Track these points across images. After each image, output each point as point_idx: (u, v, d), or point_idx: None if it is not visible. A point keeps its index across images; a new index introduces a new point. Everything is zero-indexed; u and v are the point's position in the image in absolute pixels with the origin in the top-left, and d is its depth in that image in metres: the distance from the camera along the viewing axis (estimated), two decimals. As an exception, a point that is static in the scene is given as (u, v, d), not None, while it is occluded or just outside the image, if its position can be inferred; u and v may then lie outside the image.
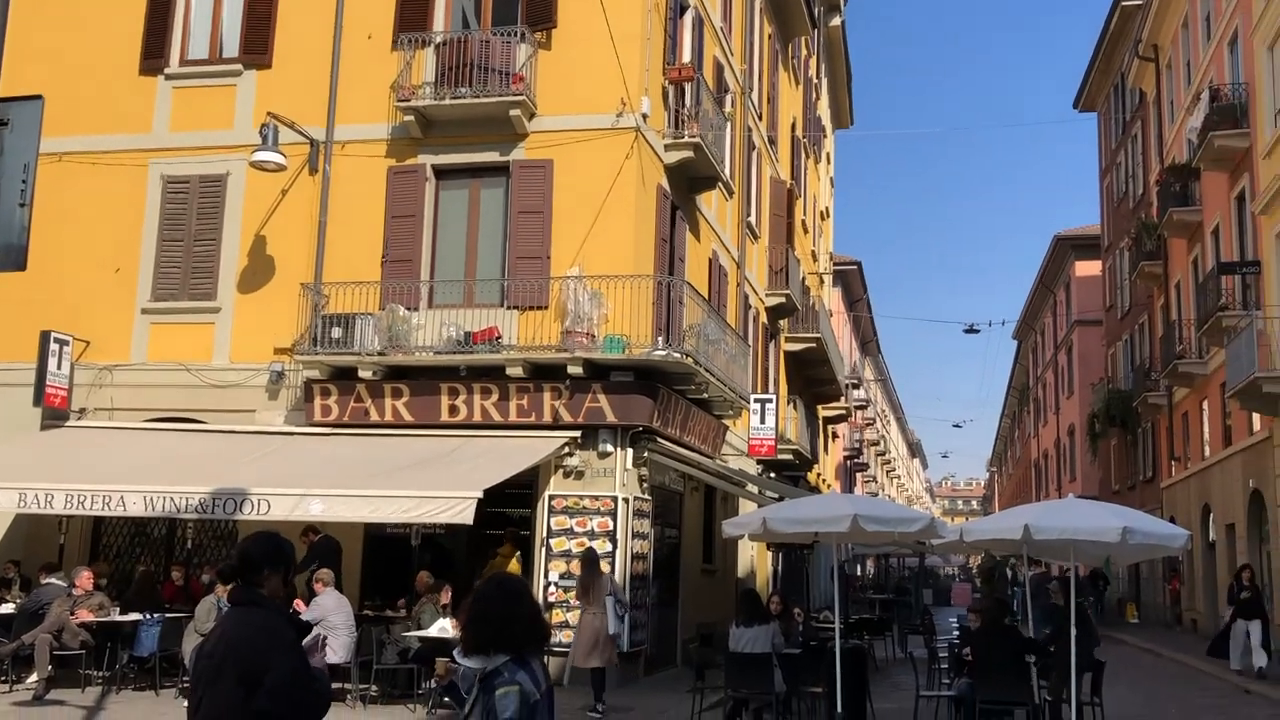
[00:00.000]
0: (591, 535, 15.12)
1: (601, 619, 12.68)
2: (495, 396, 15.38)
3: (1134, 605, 34.43)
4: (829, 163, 39.90)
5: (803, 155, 30.95)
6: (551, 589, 14.95)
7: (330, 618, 12.07)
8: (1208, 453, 26.85)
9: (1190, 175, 26.55)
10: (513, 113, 15.71)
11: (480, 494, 12.73)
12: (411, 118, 16.07)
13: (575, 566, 14.30)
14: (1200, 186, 26.35)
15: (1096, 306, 42.60)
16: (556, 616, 14.78)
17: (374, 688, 12.92)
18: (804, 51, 31.69)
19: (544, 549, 15.27)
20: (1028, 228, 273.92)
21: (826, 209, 38.37)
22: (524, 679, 3.62)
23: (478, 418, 15.42)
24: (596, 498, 15.23)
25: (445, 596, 13.30)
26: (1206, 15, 26.47)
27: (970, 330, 39.82)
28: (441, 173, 16.58)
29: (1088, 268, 44.46)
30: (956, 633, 17.48)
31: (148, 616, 13.62)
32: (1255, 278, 21.88)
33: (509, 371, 15.15)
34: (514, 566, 14.83)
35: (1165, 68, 30.80)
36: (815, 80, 34.58)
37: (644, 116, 15.88)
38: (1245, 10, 22.56)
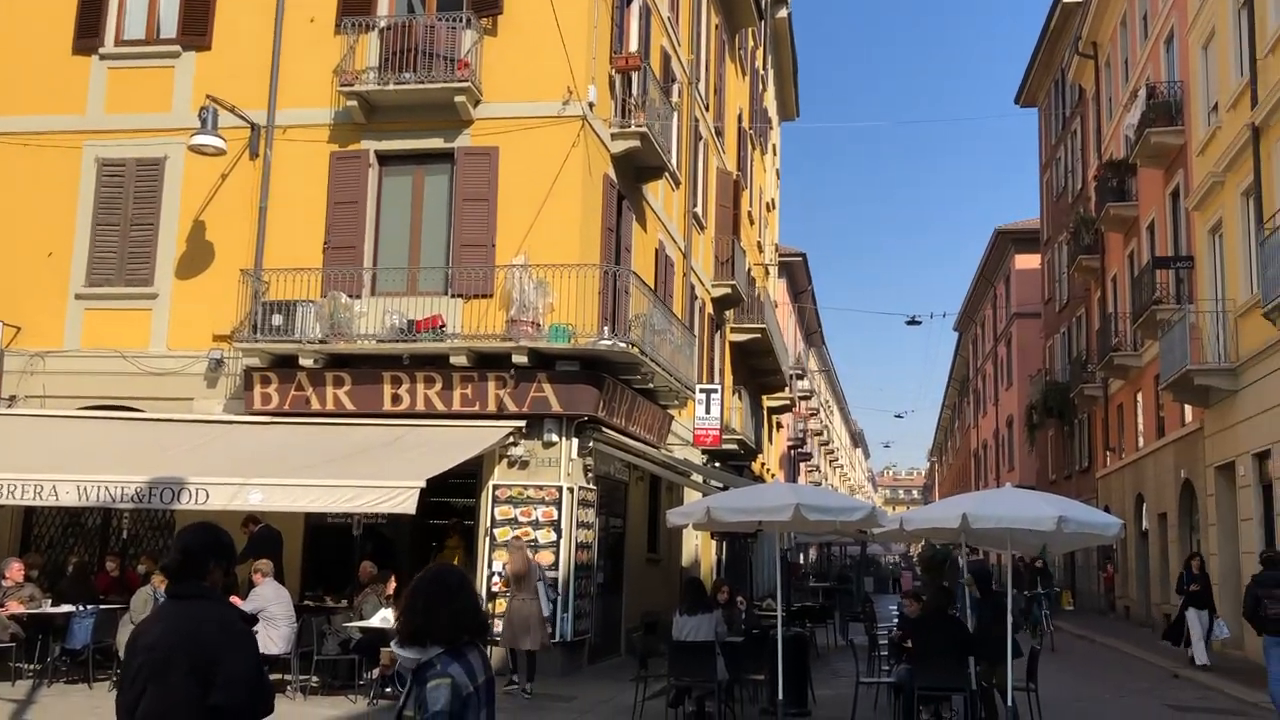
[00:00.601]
0: (536, 525, 15.10)
1: (532, 604, 13.16)
2: (439, 386, 15.27)
3: (1070, 593, 35.13)
4: (775, 154, 40.10)
5: (749, 146, 31.07)
6: (495, 579, 14.90)
7: (269, 608, 11.94)
8: (1141, 443, 27.46)
9: (1127, 171, 27.06)
10: (457, 99, 15.58)
11: (423, 484, 12.64)
12: (355, 103, 15.87)
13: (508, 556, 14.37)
14: (1137, 182, 26.88)
15: (1035, 299, 43.33)
16: (500, 607, 14.74)
17: (314, 678, 12.81)
18: (751, 43, 31.80)
19: (488, 539, 15.21)
20: (971, 221, 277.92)
21: (772, 200, 38.57)
22: (456, 671, 3.60)
23: (421, 407, 15.31)
24: (541, 487, 15.20)
25: (389, 587, 13.21)
26: (1144, 14, 26.97)
27: (912, 322, 40.43)
28: (385, 159, 16.41)
29: (1027, 261, 45.18)
30: (896, 620, 17.71)
31: (81, 608, 13.36)
32: (1188, 272, 22.37)
33: (453, 360, 15.05)
34: (460, 558, 14.79)
35: (1104, 65, 31.35)
36: (762, 72, 34.71)
37: (590, 105, 15.84)
38: (1181, 10, 23.03)
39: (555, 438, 15.26)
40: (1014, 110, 45.31)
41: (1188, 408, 22.46)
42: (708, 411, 22.04)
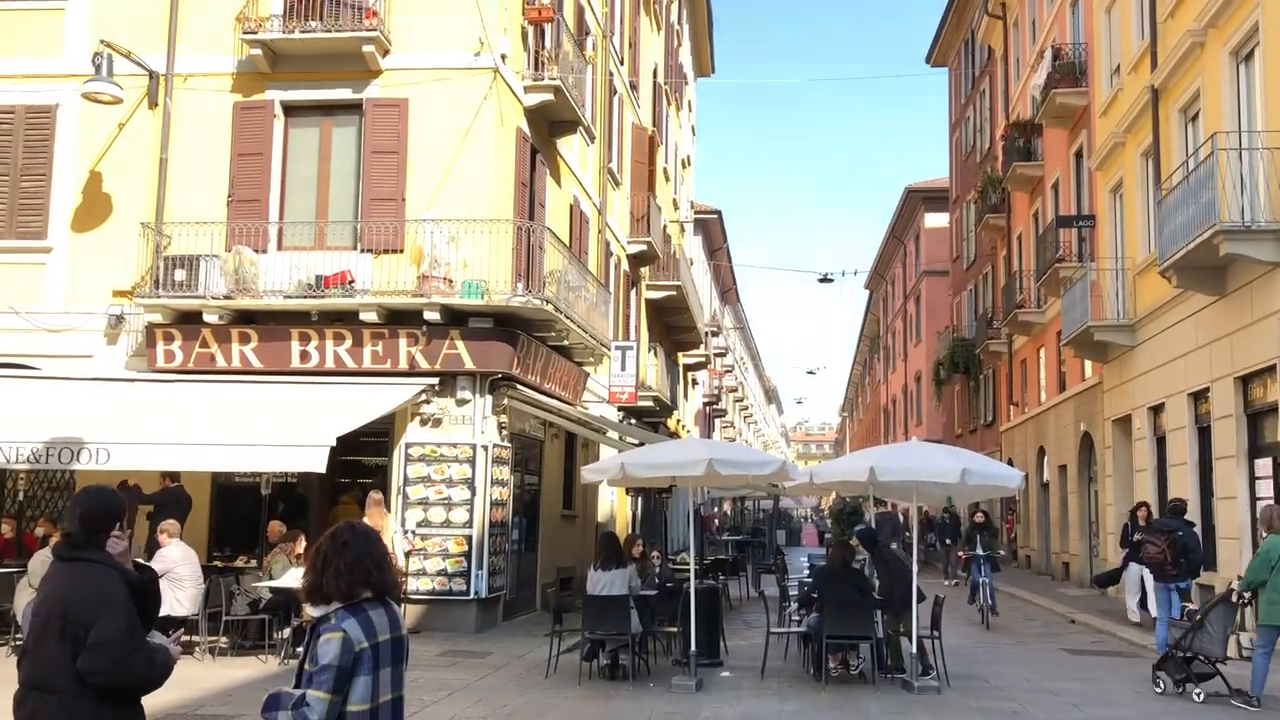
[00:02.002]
0: (450, 483, 15.03)
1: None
2: (349, 342, 15.03)
3: (957, 536, 36.21)
4: (690, 110, 40.01)
5: (664, 102, 30.94)
6: (409, 536, 14.80)
7: (176, 569, 11.71)
8: (1044, 398, 28.29)
9: (1033, 131, 27.62)
10: (366, 49, 15.21)
11: (333, 442, 12.48)
12: (259, 52, 15.39)
13: (429, 513, 14.28)
14: (1042, 142, 27.45)
15: (944, 257, 44.15)
16: (413, 564, 14.69)
17: (223, 639, 12.62)
18: (666, -3, 31.57)
19: (401, 497, 15.10)
20: (884, 179, 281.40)
21: (688, 157, 38.53)
22: (351, 626, 3.57)
23: (331, 364, 15.07)
24: (455, 445, 15.12)
25: (299, 546, 13.04)
26: (1051, -24, 27.43)
27: (824, 280, 40.79)
28: (291, 110, 15.97)
29: (937, 219, 45.97)
30: (807, 571, 18.09)
31: (-25, 572, 12.93)
32: (1090, 231, 23.00)
33: (363, 317, 14.82)
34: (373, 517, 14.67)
35: (1013, 25, 31.85)
36: (677, 27, 34.52)
37: (503, 57, 15.59)
38: (1086, -27, 23.47)
39: (469, 395, 15.16)
40: (926, 69, 45.83)
41: (1088, 363, 23.18)
42: (623, 369, 22.08)
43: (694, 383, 42.40)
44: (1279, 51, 13.79)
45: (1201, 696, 10.46)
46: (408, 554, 14.56)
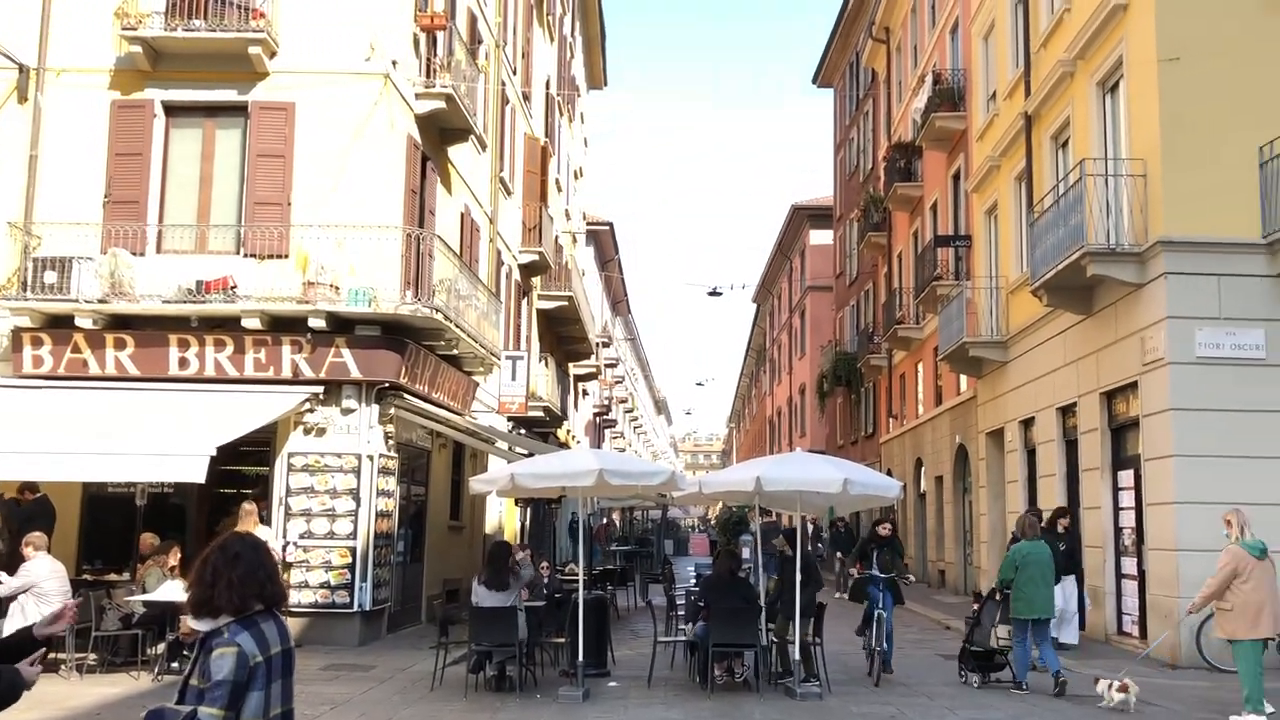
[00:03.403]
0: (334, 494, 14.78)
1: None
2: (230, 349, 14.66)
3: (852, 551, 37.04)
4: (583, 122, 40.14)
5: (557, 113, 30.99)
6: (290, 549, 14.50)
7: (42, 584, 11.22)
8: (921, 411, 29.18)
9: (914, 153, 28.54)
10: (252, 50, 14.89)
11: (213, 451, 12.15)
12: (138, 49, 14.93)
13: (312, 525, 14.01)
14: (922, 164, 28.38)
15: (828, 273, 45.18)
16: (295, 576, 14.39)
17: (93, 656, 12.15)
18: (559, 9, 31.65)
19: (283, 508, 14.78)
20: (772, 196, 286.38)
21: (580, 168, 38.64)
22: (245, 640, 3.52)
23: (211, 371, 14.67)
24: (339, 455, 14.87)
25: (173, 558, 12.65)
26: (932, 3, 28.41)
27: (714, 293, 41.43)
28: (172, 110, 15.52)
29: (821, 236, 47.02)
30: (694, 581, 18.27)
31: None
32: (967, 251, 23.86)
33: (245, 323, 14.48)
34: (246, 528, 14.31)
35: (895, 50, 32.86)
36: (570, 39, 34.63)
37: (394, 63, 15.44)
38: (965, 1, 24.38)
39: (354, 404, 14.94)
40: (814, 89, 46.86)
41: (963, 377, 24.01)
42: (513, 378, 22.02)
43: (584, 393, 42.46)
44: (1142, 83, 14.57)
45: (977, 683, 11.96)
46: (289, 565, 14.29)
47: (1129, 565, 15.31)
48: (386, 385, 15.15)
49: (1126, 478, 15.44)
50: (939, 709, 10.71)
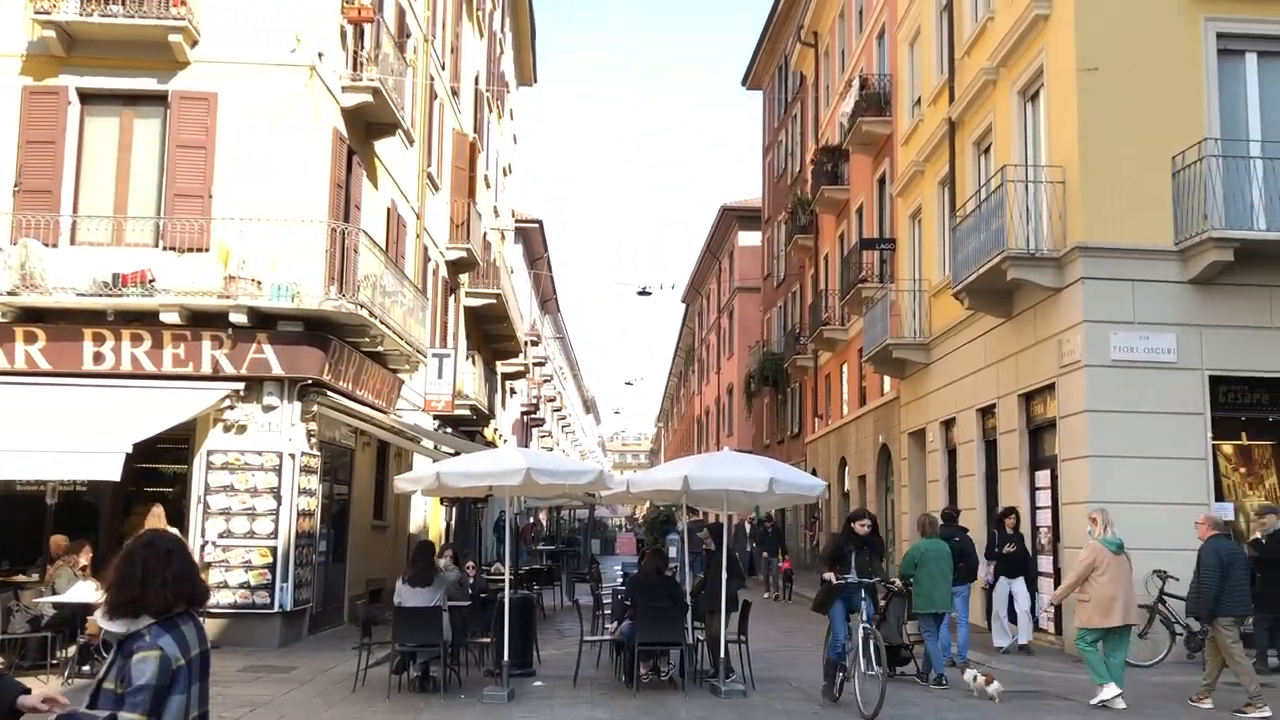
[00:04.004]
0: (254, 492, 14.51)
1: None
2: (148, 344, 14.30)
3: (780, 549, 37.41)
4: (512, 118, 39.93)
5: (486, 109, 30.78)
6: (209, 549, 14.20)
7: (-55, 586, 10.83)
8: (846, 411, 29.56)
9: (840, 156, 28.89)
10: (173, 38, 14.53)
11: (128, 448, 11.85)
12: (52, 33, 14.47)
13: (232, 524, 13.74)
14: (849, 167, 28.75)
15: (756, 274, 45.55)
16: (214, 576, 14.09)
17: (-1, 660, 11.76)
18: (489, 4, 31.44)
19: (201, 507, 14.46)
20: (702, 196, 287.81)
21: (509, 165, 38.43)
22: (168, 643, 3.43)
23: (127, 367, 14.29)
24: (260, 453, 14.60)
25: (84, 557, 12.30)
26: (860, 9, 28.80)
27: (643, 293, 41.48)
28: (88, 97, 15.08)
29: (750, 238, 47.40)
30: (621, 580, 18.29)
31: None
32: (891, 254, 24.22)
33: (164, 318, 14.13)
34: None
35: (824, 54, 33.23)
36: (500, 35, 34.42)
37: (320, 55, 15.19)
38: (892, 7, 24.75)
39: (276, 401, 14.67)
40: (743, 91, 47.20)
41: (887, 378, 24.37)
42: (440, 376, 21.82)
43: (512, 392, 42.24)
44: (1061, 92, 14.92)
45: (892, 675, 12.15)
46: (207, 565, 14.01)
47: (1045, 563, 15.66)
48: (309, 382, 14.91)
49: (1043, 477, 15.81)
50: (860, 705, 10.83)
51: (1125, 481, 13.47)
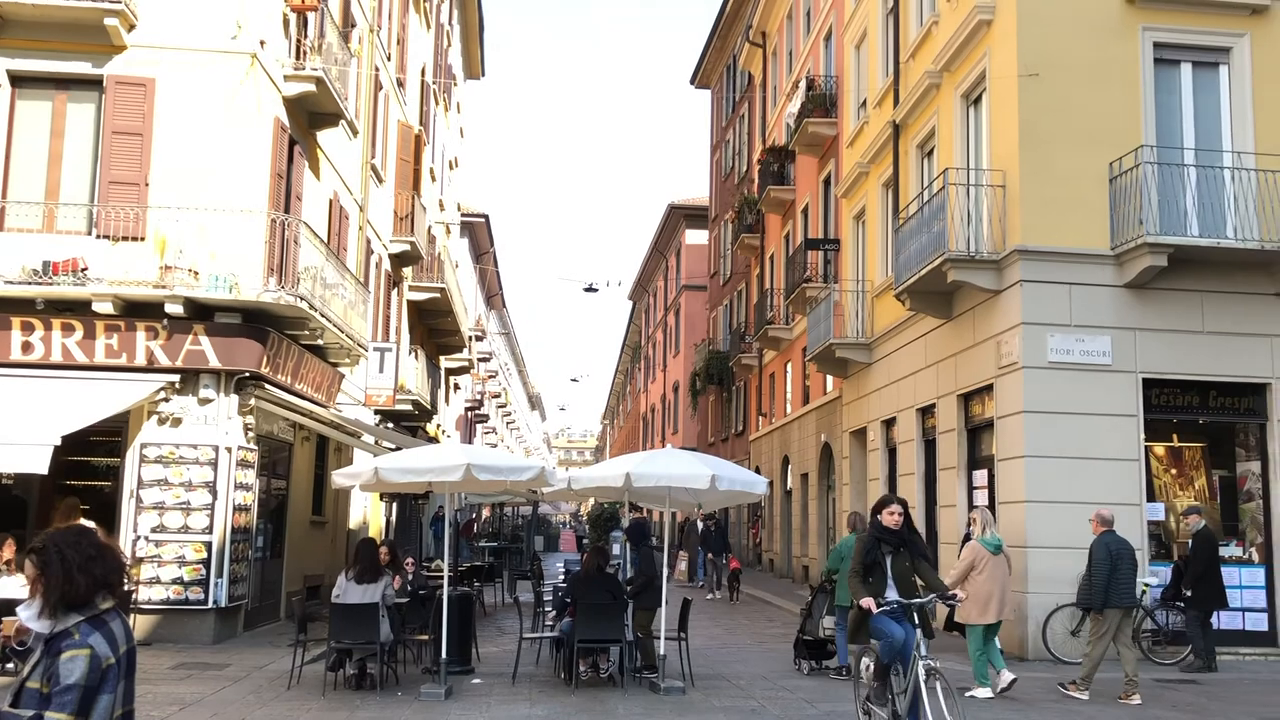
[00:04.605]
0: (189, 487, 14.24)
1: None
2: (79, 334, 13.97)
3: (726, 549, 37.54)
4: (459, 112, 39.62)
5: (432, 102, 30.51)
6: (141, 543, 13.91)
7: None
8: (789, 410, 29.75)
9: (787, 157, 29.08)
10: (108, 22, 14.19)
11: (57, 440, 11.58)
12: (-17, 13, 14.07)
13: (165, 519, 13.48)
14: (795, 168, 28.94)
15: (703, 273, 45.70)
16: (145, 571, 13.82)
17: (-82, 658, 11.41)
18: (438, -4, 31.15)
19: (134, 501, 14.16)
20: (650, 194, 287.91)
21: (456, 158, 38.13)
22: (97, 641, 3.34)
23: (58, 357, 13.94)
24: (195, 446, 14.33)
25: (9, 552, 11.99)
26: (808, 10, 28.98)
27: (590, 289, 41.41)
28: (19, 80, 14.68)
29: (697, 236, 47.55)
30: (563, 577, 18.22)
31: None
32: (835, 254, 24.42)
33: (96, 307, 13.81)
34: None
35: (772, 54, 33.41)
36: (447, 27, 34.13)
37: (262, 43, 14.94)
38: (839, 9, 24.94)
39: (213, 394, 14.42)
40: (692, 90, 47.30)
41: (830, 378, 24.57)
42: (381, 370, 21.58)
43: (456, 387, 41.93)
44: (1002, 97, 15.12)
45: (807, 670, 12.82)
46: (139, 561, 13.73)
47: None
48: (247, 375, 14.66)
49: (981, 477, 16.03)
50: (798, 702, 10.91)
51: (1060, 481, 13.70)
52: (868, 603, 7.72)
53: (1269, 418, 14.53)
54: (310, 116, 17.01)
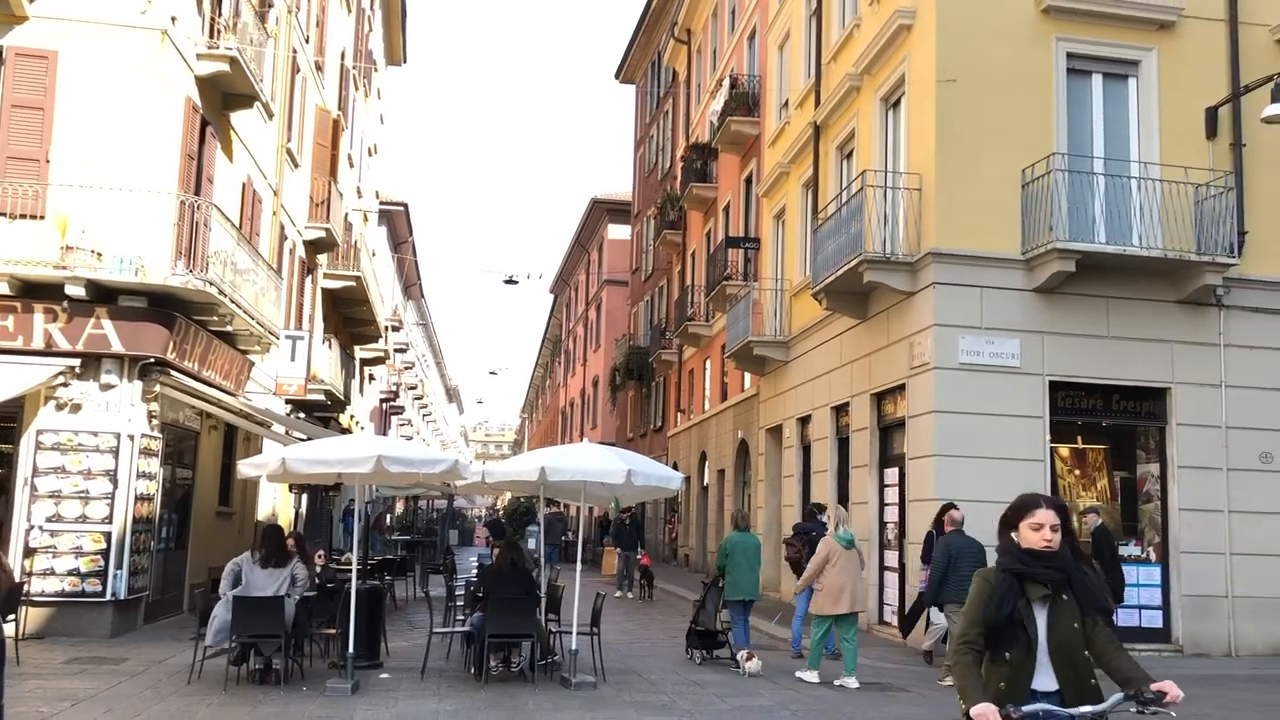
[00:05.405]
0: (88, 475, 13.77)
1: None
2: (-27, 315, 13.41)
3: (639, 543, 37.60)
4: (379, 98, 39.00)
5: (352, 87, 29.97)
6: (35, 533, 13.41)
7: None
8: (707, 406, 29.90)
9: (710, 155, 29.19)
10: (11, -10, 13.65)
11: (-54, 425, 11.07)
12: (-126, -24, 13.41)
13: (62, 508, 13.04)
14: (717, 166, 29.07)
15: (625, 268, 45.70)
16: (39, 562, 13.33)
17: None
18: (360, -21, 30.61)
19: (28, 489, 13.65)
20: (573, 187, 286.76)
21: (375, 146, 37.52)
22: None
23: (-51, 338, 13.37)
24: (96, 434, 13.87)
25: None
26: (732, 9, 29.11)
27: (510, 281, 41.06)
28: (-87, 48, 14.04)
29: (619, 231, 47.52)
30: (476, 571, 18.05)
31: None
32: (755, 253, 24.59)
33: (-8, 287, 13.27)
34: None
35: (696, 52, 33.50)
36: (369, 11, 33.57)
37: (173, 19, 14.49)
38: (763, 9, 25.09)
39: (115, 380, 13.96)
40: (616, 84, 47.20)
41: (747, 375, 24.74)
42: (293, 359, 21.13)
43: (371, 378, 41.30)
44: (920, 102, 15.35)
45: (699, 660, 13.34)
46: (32, 551, 13.24)
47: (891, 558, 16.14)
48: (152, 361, 14.22)
49: (892, 475, 16.27)
50: (709, 697, 10.95)
51: (968, 480, 13.96)
52: (982, 713, 3.71)
53: (1168, 422, 15.00)
54: (224, 97, 16.57)
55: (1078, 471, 15.30)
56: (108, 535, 13.72)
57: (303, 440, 16.23)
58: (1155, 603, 14.88)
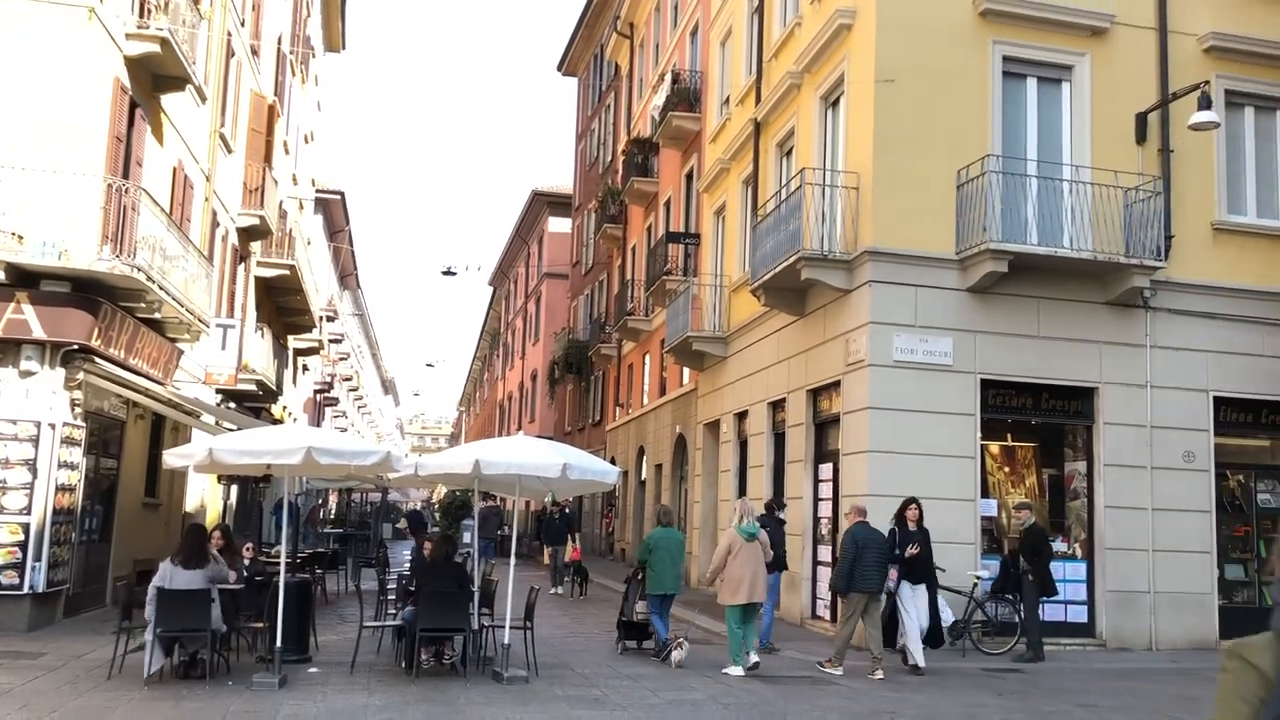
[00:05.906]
0: (6, 464, 13.38)
1: None
2: (-115, 298, 12.94)
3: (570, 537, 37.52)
4: (317, 85, 38.41)
5: (289, 72, 29.46)
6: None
7: None
8: (646, 401, 29.91)
9: (651, 149, 29.17)
10: (-71, -38, 13.18)
11: None
12: None
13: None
14: (659, 161, 29.05)
15: (565, 261, 45.52)
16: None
17: None
18: (298, -37, 30.08)
19: (-57, 478, 13.22)
20: (513, 178, 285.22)
21: (311, 133, 36.95)
22: None
23: None
24: (15, 422, 13.50)
25: None
26: (675, 4, 29.11)
27: (448, 273, 40.71)
28: None
29: (560, 224, 47.32)
30: (409, 565, 17.86)
31: None
32: (695, 248, 24.62)
33: (-94, 269, 12.82)
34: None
35: (639, 46, 33.45)
36: (308, -4, 33.02)
37: (101, -4, 14.10)
38: (705, 5, 25.12)
39: (36, 366, 13.58)
40: (558, 76, 46.99)
41: (686, 370, 24.78)
42: (224, 348, 20.72)
43: (305, 369, 40.69)
44: (859, 101, 15.47)
45: (621, 649, 13.64)
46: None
47: (824, 553, 16.27)
48: (75, 347, 13.85)
49: (826, 470, 16.40)
50: (642, 690, 10.94)
51: (901, 476, 14.10)
52: None
53: (1095, 420, 15.30)
54: (154, 79, 16.17)
55: (1007, 469, 15.55)
56: (26, 527, 13.35)
57: (232, 431, 15.92)
58: (1080, 598, 15.18)
